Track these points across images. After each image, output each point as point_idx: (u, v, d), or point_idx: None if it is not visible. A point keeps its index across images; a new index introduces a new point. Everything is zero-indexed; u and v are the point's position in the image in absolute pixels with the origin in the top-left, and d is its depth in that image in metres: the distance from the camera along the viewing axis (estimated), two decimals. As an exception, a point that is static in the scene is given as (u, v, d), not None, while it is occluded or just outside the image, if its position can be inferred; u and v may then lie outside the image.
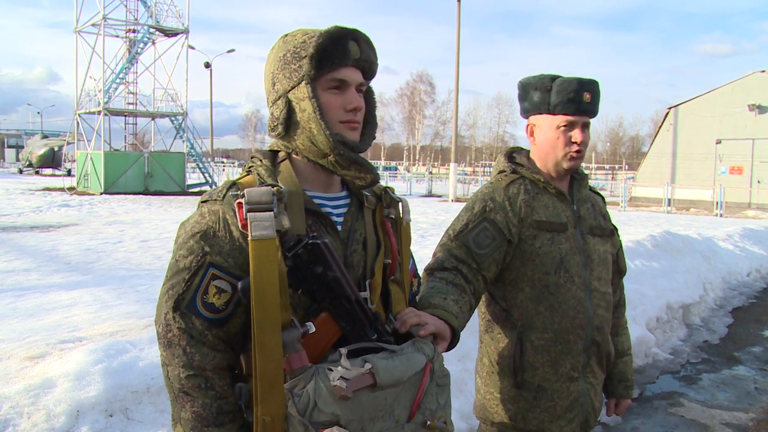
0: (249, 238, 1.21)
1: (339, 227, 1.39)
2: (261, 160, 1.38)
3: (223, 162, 60.31)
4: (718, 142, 28.14)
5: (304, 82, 1.31)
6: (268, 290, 1.20)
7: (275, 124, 1.36)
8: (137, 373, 2.79)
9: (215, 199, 1.31)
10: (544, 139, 1.96)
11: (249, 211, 1.23)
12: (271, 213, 1.23)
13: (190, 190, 28.54)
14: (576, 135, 1.92)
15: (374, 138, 1.45)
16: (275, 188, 1.27)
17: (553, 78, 1.93)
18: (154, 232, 12.21)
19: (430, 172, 43.47)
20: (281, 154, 1.41)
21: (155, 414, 2.68)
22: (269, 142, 1.47)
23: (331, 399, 1.18)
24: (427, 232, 12.24)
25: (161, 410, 2.71)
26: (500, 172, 2.04)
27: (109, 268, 7.95)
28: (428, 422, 1.31)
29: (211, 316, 1.25)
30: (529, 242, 1.94)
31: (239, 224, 1.25)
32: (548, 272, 1.93)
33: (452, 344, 1.52)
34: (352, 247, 1.39)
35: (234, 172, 48.13)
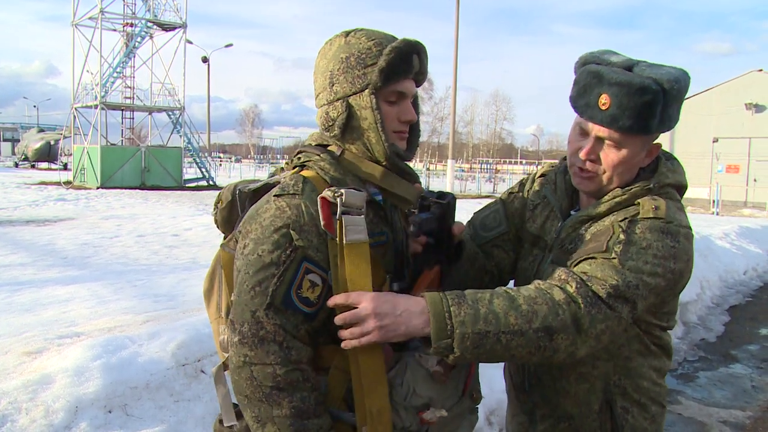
0: (344, 240, 1.24)
1: None
2: (319, 155, 1.38)
3: (220, 157, 60.16)
4: (715, 140, 28.18)
5: (368, 91, 1.33)
6: (364, 290, 1.26)
7: (331, 124, 1.38)
8: (136, 368, 2.78)
9: (293, 194, 1.30)
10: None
11: (344, 213, 1.25)
12: (363, 217, 1.27)
13: (186, 185, 28.47)
14: (584, 147, 1.45)
15: (418, 146, 1.50)
16: (366, 194, 1.30)
17: (585, 62, 1.48)
18: (151, 227, 12.18)
19: (428, 169, 43.44)
20: (334, 149, 1.41)
21: (154, 410, 2.67)
22: (266, 137, 1.49)
23: (426, 384, 1.31)
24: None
25: (160, 406, 2.70)
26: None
27: (105, 262, 7.93)
28: (474, 394, 1.49)
29: (307, 310, 1.27)
30: (518, 250, 1.70)
31: (322, 222, 1.27)
32: None
33: None
34: (397, 237, 1.45)
35: (232, 167, 48.04)
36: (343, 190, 1.25)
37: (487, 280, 1.67)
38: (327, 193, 1.25)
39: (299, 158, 1.41)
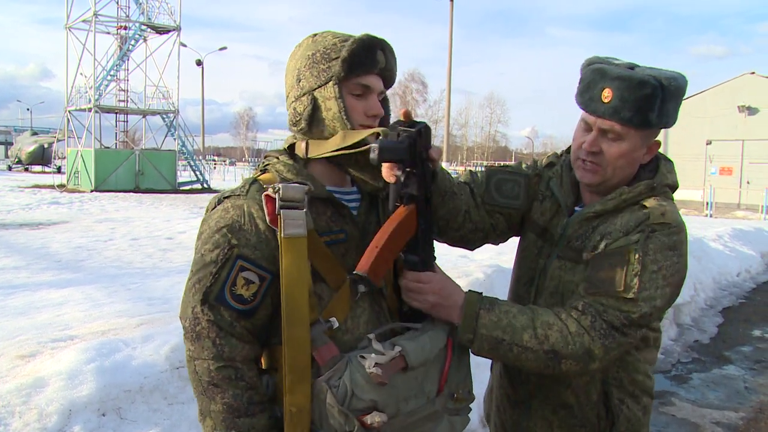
0: (281, 234, 1.26)
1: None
2: (278, 158, 1.42)
3: (214, 160, 60.05)
4: (709, 143, 28.33)
5: (332, 83, 1.35)
6: (298, 287, 1.26)
7: (298, 119, 1.40)
8: (130, 372, 2.77)
9: (238, 195, 1.34)
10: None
11: (282, 207, 1.26)
12: (303, 211, 1.28)
13: (181, 188, 28.41)
14: (587, 140, 1.52)
15: None
16: (307, 187, 1.31)
17: (590, 63, 1.56)
18: (145, 230, 12.14)
19: (422, 171, 43.41)
20: (300, 148, 1.43)
21: (148, 413, 2.67)
22: (261, 140, 1.49)
23: (367, 386, 1.25)
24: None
25: (154, 409, 2.70)
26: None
27: (99, 266, 7.90)
28: (455, 394, 1.42)
29: (240, 307, 1.28)
30: (516, 227, 1.73)
31: (267, 218, 1.29)
32: (519, 279, 1.72)
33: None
34: (368, 238, 1.43)
35: (226, 170, 48.00)
36: (280, 185, 1.27)
37: (469, 228, 1.64)
38: (269, 191, 1.29)
39: (263, 162, 1.45)
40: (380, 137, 1.30)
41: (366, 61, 1.36)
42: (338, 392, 1.23)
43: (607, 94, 1.46)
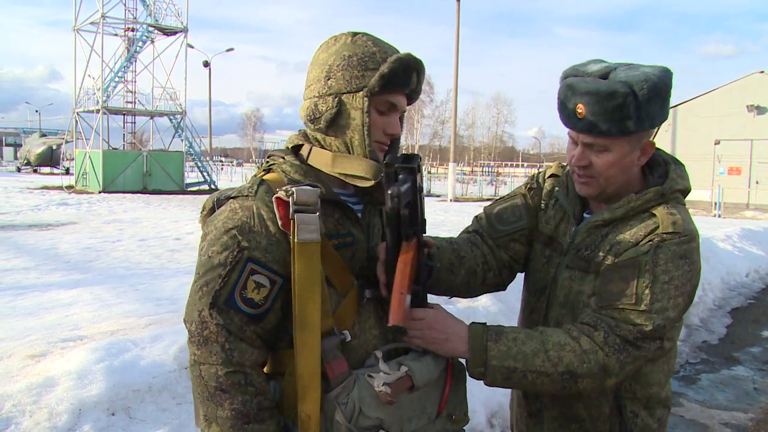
0: (295, 239, 1.23)
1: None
2: (283, 158, 1.40)
3: (221, 161, 60.22)
4: (717, 142, 28.15)
5: (363, 93, 1.33)
6: (310, 292, 1.25)
7: (318, 117, 1.37)
8: (139, 371, 2.79)
9: (246, 195, 1.31)
10: None
11: (296, 212, 1.24)
12: (317, 215, 1.25)
13: (188, 189, 28.50)
14: (575, 155, 1.53)
15: None
16: (320, 190, 1.28)
17: (566, 76, 1.55)
18: (153, 230, 12.19)
19: (429, 172, 43.45)
20: (305, 150, 1.41)
21: (157, 413, 2.68)
22: (268, 140, 1.48)
23: (374, 405, 1.25)
24: (427, 231, 12.22)
25: (163, 409, 2.71)
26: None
27: (108, 266, 7.95)
28: (453, 416, 1.42)
29: (250, 311, 1.26)
30: (531, 246, 1.72)
31: (279, 222, 1.27)
32: (529, 289, 1.71)
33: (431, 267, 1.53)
34: (373, 240, 1.43)
35: (233, 171, 48.18)
36: (294, 189, 1.24)
37: (495, 272, 1.67)
38: (281, 193, 1.26)
39: (267, 162, 1.42)
40: (383, 176, 1.27)
41: (401, 80, 1.35)
42: (346, 409, 1.23)
43: (580, 110, 1.45)
